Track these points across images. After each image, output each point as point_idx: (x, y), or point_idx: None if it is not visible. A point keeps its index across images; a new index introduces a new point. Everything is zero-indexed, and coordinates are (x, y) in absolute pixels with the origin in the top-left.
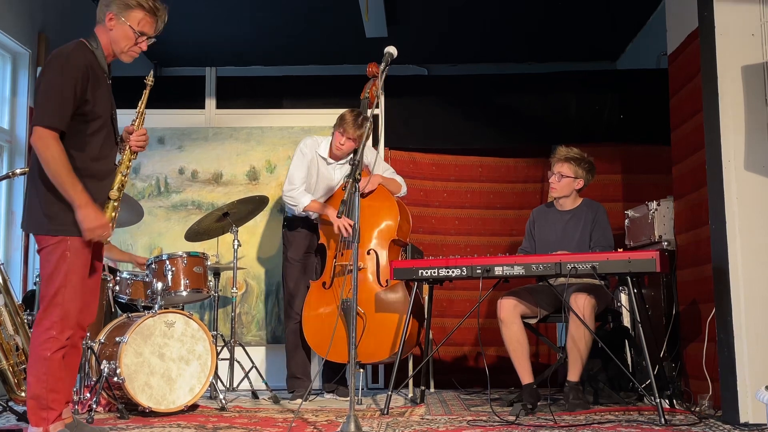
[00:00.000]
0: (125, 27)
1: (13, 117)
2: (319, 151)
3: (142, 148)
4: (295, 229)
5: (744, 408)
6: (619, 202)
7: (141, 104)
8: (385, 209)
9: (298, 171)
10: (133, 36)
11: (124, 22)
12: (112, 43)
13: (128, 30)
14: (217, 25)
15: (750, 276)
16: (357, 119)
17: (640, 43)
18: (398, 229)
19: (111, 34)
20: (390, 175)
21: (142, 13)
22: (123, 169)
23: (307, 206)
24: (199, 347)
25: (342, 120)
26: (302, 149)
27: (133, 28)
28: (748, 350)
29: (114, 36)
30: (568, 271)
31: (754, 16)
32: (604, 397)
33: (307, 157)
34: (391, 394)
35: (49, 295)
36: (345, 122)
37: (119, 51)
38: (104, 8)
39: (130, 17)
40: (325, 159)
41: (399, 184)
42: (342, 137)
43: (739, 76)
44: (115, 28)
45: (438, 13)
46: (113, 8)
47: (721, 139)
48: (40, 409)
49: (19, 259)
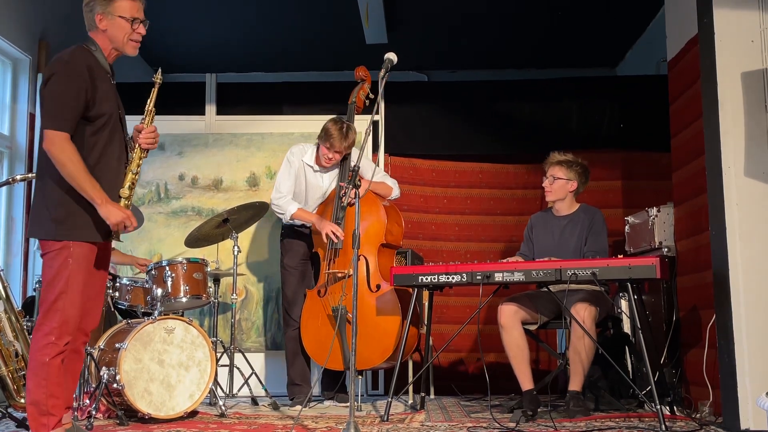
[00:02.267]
0: (116, 19)
1: (14, 123)
2: (305, 159)
3: (153, 145)
4: (291, 237)
5: (744, 414)
6: (619, 209)
7: (150, 102)
8: (372, 214)
9: (284, 180)
10: (127, 24)
11: (114, 15)
12: (111, 40)
13: (120, 21)
14: (218, 31)
15: (750, 282)
16: (342, 131)
17: (639, 49)
18: (387, 232)
19: (107, 33)
20: (381, 179)
21: (124, 3)
22: (133, 167)
23: (294, 214)
24: (198, 353)
25: (327, 134)
26: (288, 158)
27: (125, 17)
28: (749, 356)
29: (110, 33)
30: (568, 278)
31: (754, 22)
32: (604, 404)
33: (294, 166)
34: (391, 400)
35: (49, 300)
36: (331, 137)
37: (121, 44)
38: (90, 14)
39: (116, 9)
40: (311, 166)
41: (389, 186)
42: (329, 152)
43: (738, 83)
44: (108, 25)
45: (438, 20)
46: (98, 8)
47: (721, 146)
48: (40, 415)
49: (18, 265)
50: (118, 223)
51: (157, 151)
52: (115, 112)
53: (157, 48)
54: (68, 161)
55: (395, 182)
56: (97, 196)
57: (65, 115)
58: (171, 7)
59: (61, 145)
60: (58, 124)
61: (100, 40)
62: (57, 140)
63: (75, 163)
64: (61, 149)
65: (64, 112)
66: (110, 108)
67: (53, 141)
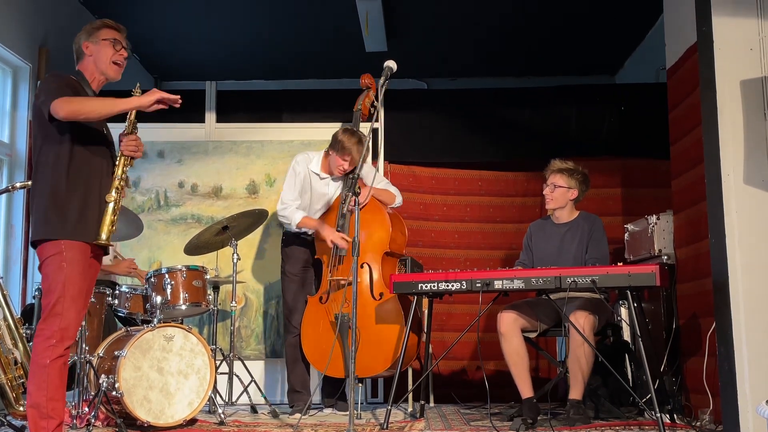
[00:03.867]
0: (101, 42)
1: (13, 131)
2: (311, 167)
3: (135, 152)
4: (292, 244)
5: (745, 422)
6: (619, 216)
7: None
8: (377, 222)
9: (289, 189)
10: (110, 46)
11: (98, 39)
12: (97, 63)
13: (104, 43)
14: (217, 39)
15: (750, 290)
16: (357, 140)
17: (638, 57)
18: (391, 241)
19: (93, 58)
20: (384, 186)
21: (108, 30)
22: (118, 173)
23: (300, 222)
24: (198, 361)
25: (341, 145)
26: (294, 167)
27: (108, 39)
28: (749, 364)
29: (96, 57)
30: (567, 285)
31: (753, 30)
32: (604, 412)
33: (300, 175)
34: (391, 408)
35: (49, 306)
36: (346, 148)
37: (105, 65)
38: (77, 45)
39: (101, 35)
40: (317, 174)
41: (392, 194)
42: (345, 163)
43: (737, 91)
44: (94, 50)
45: (437, 28)
46: (83, 38)
47: (720, 153)
48: (40, 418)
49: (18, 273)
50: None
51: (156, 159)
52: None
53: (156, 56)
54: (81, 107)
55: (397, 190)
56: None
57: (60, 92)
58: (171, 15)
59: (69, 104)
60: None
61: (87, 69)
62: (62, 104)
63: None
64: (68, 104)
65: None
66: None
67: (61, 106)
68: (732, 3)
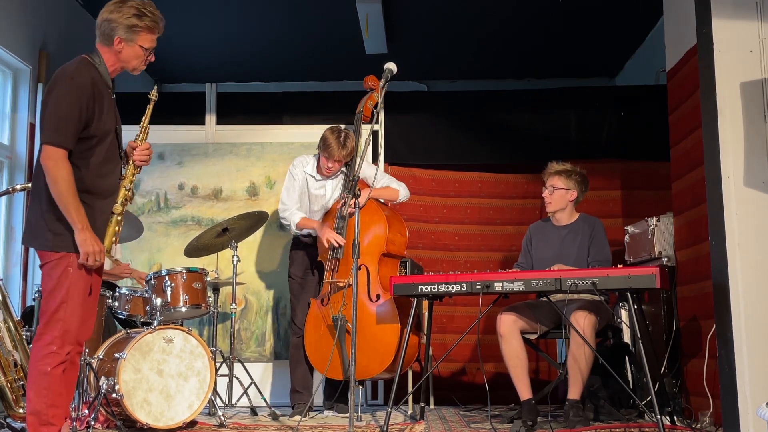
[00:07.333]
0: (135, 48)
1: (14, 133)
2: (307, 170)
3: (146, 162)
4: (297, 247)
5: (745, 425)
6: (619, 218)
7: (145, 119)
8: (373, 223)
9: (288, 192)
10: (143, 54)
11: (134, 43)
12: (123, 62)
13: (139, 50)
14: (218, 41)
15: (750, 292)
16: (339, 140)
17: (639, 59)
18: (389, 242)
19: (120, 56)
20: (386, 183)
21: (148, 36)
22: (126, 183)
23: (299, 223)
24: (198, 363)
25: (325, 144)
26: (291, 171)
27: (144, 47)
28: (749, 366)
29: (124, 57)
30: (567, 287)
31: (753, 32)
32: (604, 414)
33: (298, 179)
34: (391, 410)
35: (50, 310)
36: (329, 147)
37: (130, 66)
38: (109, 31)
39: (139, 40)
40: (313, 176)
41: (394, 190)
42: (328, 162)
43: (737, 93)
44: (125, 50)
45: (437, 30)
46: (120, 33)
47: (721, 156)
48: (40, 425)
49: (18, 274)
50: (89, 252)
51: (156, 161)
52: (113, 128)
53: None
54: (61, 179)
55: (402, 184)
56: (79, 220)
57: (66, 131)
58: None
59: (58, 164)
60: (57, 140)
61: (108, 56)
62: (54, 157)
63: (66, 183)
64: (57, 166)
65: (64, 128)
66: (110, 124)
67: (51, 156)
68: (732, 5)
